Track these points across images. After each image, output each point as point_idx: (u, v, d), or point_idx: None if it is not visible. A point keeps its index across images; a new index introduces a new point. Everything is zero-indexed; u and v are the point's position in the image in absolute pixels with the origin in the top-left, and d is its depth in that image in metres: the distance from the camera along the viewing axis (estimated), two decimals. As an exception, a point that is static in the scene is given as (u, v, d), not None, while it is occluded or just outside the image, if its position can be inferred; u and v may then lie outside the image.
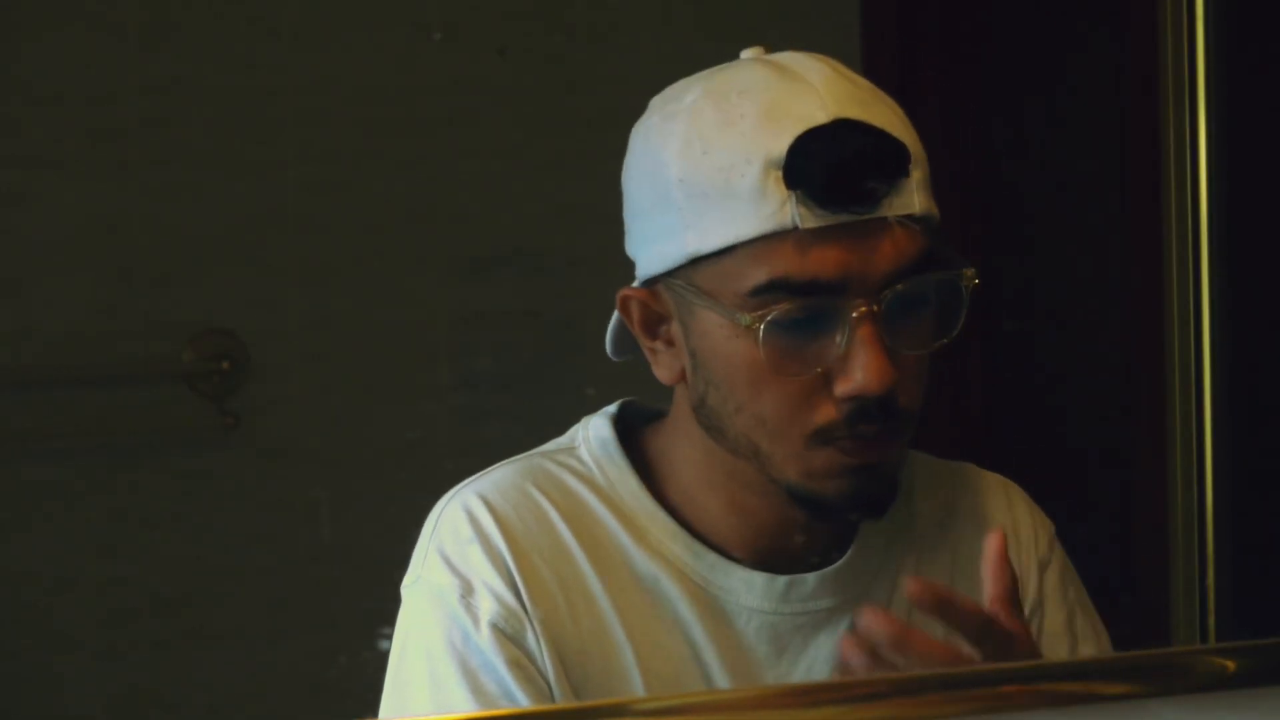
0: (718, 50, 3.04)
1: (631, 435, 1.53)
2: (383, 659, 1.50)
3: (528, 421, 2.90)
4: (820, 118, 1.39)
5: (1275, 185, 2.56)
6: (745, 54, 1.51)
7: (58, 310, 2.82)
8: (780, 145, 1.38)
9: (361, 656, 2.79)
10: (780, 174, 1.37)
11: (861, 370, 1.38)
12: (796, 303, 1.38)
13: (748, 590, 1.48)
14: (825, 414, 1.41)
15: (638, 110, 2.74)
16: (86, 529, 2.78)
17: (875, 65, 3.16)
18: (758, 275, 1.38)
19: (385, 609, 1.56)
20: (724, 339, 1.41)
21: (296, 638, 2.85)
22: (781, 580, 1.48)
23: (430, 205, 2.97)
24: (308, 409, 2.90)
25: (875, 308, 1.39)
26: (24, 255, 2.80)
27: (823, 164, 1.37)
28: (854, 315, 1.38)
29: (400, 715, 1.48)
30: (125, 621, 2.80)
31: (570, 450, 1.53)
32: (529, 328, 2.98)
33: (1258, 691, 1.29)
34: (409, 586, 1.51)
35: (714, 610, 1.47)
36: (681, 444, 1.49)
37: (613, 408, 1.55)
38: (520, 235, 3.00)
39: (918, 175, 1.41)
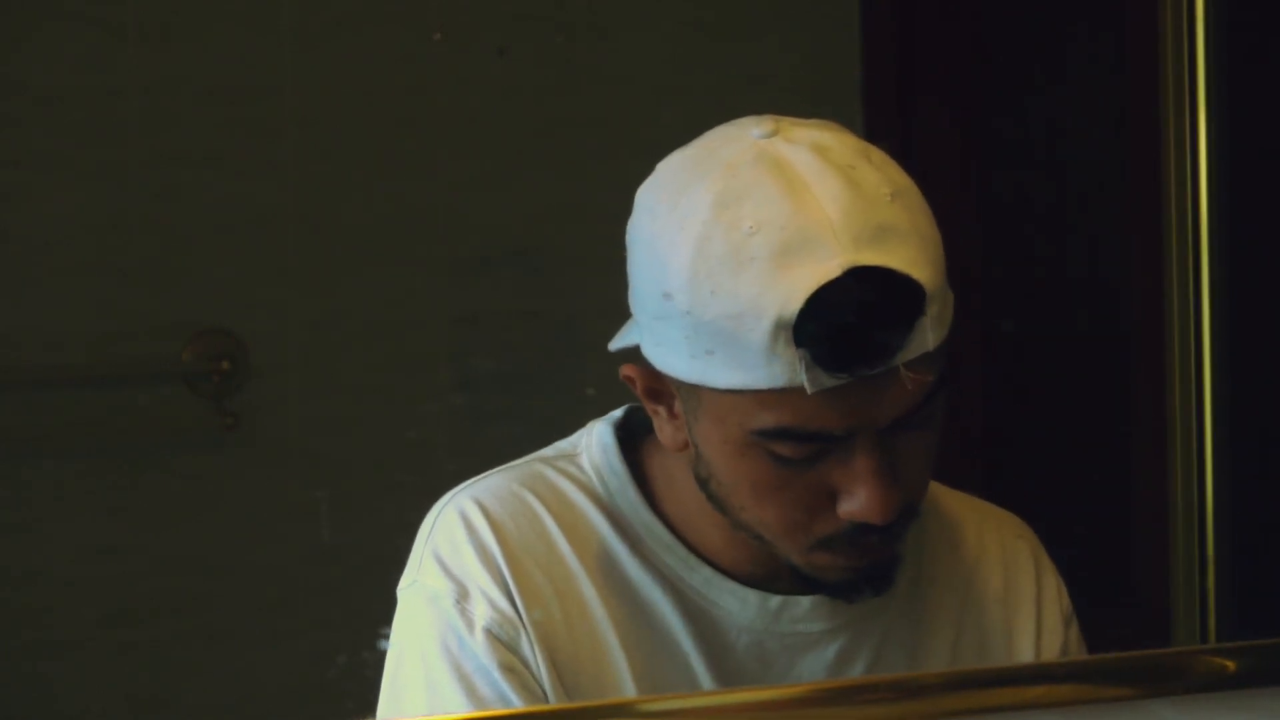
0: (718, 51, 3.05)
1: (635, 444, 1.53)
2: (382, 659, 1.51)
3: (527, 422, 2.91)
4: (832, 269, 1.32)
5: (1275, 184, 2.56)
6: (755, 132, 1.40)
7: (58, 310, 2.82)
8: (790, 305, 1.31)
9: (361, 656, 2.79)
10: (790, 334, 1.32)
11: (865, 501, 1.36)
12: (803, 446, 1.36)
13: (741, 607, 1.47)
14: (828, 525, 1.39)
15: (639, 110, 2.76)
16: (87, 529, 2.78)
17: (875, 65, 3.16)
18: (764, 420, 1.35)
19: (385, 609, 1.56)
20: (727, 454, 1.40)
21: (296, 638, 2.85)
22: (775, 600, 1.48)
23: (430, 205, 2.97)
24: (308, 409, 2.90)
25: (880, 443, 1.36)
26: (24, 255, 2.81)
27: (832, 330, 1.31)
28: (859, 452, 1.36)
29: (397, 717, 1.48)
30: (125, 621, 2.80)
31: (572, 457, 1.53)
32: (529, 328, 2.98)
33: (1258, 691, 1.29)
34: (405, 589, 1.51)
35: (705, 624, 1.47)
36: (685, 468, 1.49)
37: (618, 413, 1.55)
38: (520, 235, 3.00)
39: (934, 310, 1.35)
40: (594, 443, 1.53)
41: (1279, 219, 2.58)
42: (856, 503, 1.37)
